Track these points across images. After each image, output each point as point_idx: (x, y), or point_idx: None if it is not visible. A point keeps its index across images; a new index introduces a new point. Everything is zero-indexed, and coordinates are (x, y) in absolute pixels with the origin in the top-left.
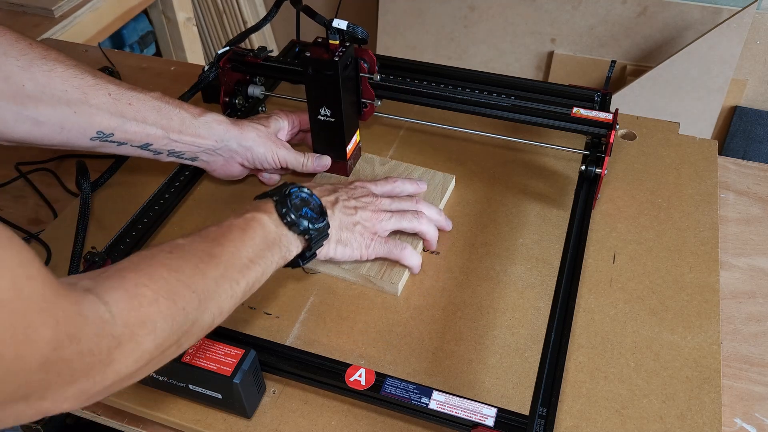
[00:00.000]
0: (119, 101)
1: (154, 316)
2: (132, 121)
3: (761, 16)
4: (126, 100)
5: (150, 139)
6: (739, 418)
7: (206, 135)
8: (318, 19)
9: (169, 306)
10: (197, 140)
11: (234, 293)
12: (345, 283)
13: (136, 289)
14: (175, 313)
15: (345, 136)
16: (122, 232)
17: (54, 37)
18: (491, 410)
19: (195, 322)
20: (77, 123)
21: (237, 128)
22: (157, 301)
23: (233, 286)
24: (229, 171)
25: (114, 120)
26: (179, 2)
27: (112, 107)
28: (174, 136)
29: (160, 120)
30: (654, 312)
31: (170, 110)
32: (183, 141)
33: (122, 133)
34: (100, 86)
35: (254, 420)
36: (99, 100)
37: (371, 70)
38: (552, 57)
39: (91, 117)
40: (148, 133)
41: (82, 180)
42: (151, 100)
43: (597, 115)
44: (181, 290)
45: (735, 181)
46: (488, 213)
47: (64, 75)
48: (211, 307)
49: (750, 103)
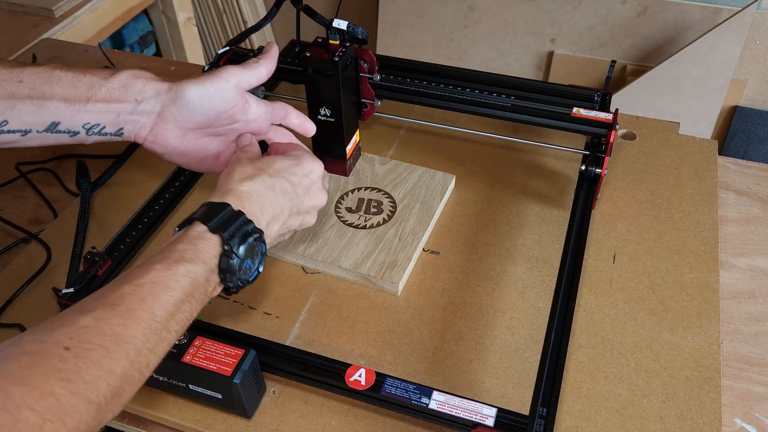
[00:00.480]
0: (7, 81)
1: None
2: (25, 101)
3: (761, 16)
4: (15, 78)
5: (54, 116)
6: (739, 418)
7: (122, 96)
8: (318, 19)
9: (58, 427)
10: (112, 105)
11: (147, 372)
12: (345, 283)
13: (20, 412)
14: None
15: (345, 136)
16: (122, 232)
17: (54, 37)
18: (491, 410)
19: (93, 428)
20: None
21: (164, 82)
22: (42, 426)
23: (147, 368)
24: (165, 140)
25: (2, 104)
26: (179, 2)
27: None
28: (82, 105)
29: (62, 91)
30: (654, 312)
31: (72, 77)
32: (96, 110)
33: (17, 118)
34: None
35: (254, 420)
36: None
37: (371, 70)
38: (552, 57)
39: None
40: (49, 110)
41: (82, 180)
42: (47, 71)
43: (597, 115)
44: (76, 405)
45: (735, 181)
46: (488, 213)
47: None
48: (115, 404)
49: (750, 103)
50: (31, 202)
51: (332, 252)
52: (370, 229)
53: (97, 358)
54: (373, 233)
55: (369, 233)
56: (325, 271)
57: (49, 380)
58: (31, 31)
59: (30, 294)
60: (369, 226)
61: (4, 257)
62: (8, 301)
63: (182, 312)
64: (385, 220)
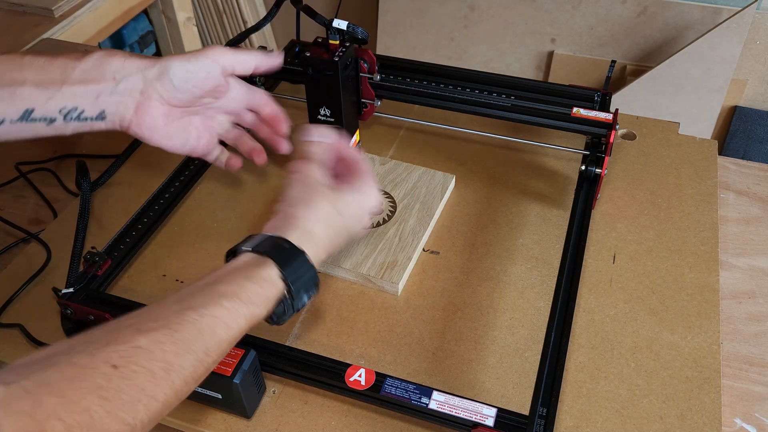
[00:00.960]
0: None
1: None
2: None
3: (761, 16)
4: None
5: (28, 103)
6: (739, 418)
7: (98, 76)
8: (318, 19)
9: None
10: (89, 87)
11: (185, 396)
12: (345, 283)
13: (47, 421)
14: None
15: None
16: (122, 232)
17: (54, 37)
18: (491, 410)
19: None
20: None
21: (145, 59)
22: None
23: (185, 394)
24: (150, 119)
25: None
26: (179, 2)
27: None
28: (56, 88)
29: (34, 76)
30: (654, 312)
31: (44, 62)
32: (72, 93)
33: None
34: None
35: (254, 420)
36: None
37: (371, 70)
38: (552, 57)
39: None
40: (21, 97)
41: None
42: (17, 58)
43: (597, 115)
44: (109, 424)
45: (735, 181)
46: (488, 213)
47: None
48: (149, 427)
49: (750, 103)
50: (31, 202)
51: None
52: (370, 228)
53: (142, 382)
54: (373, 233)
55: (369, 233)
56: (325, 271)
57: (87, 396)
58: (31, 31)
59: (30, 294)
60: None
61: (4, 257)
62: (8, 301)
63: (231, 345)
64: (385, 220)
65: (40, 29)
